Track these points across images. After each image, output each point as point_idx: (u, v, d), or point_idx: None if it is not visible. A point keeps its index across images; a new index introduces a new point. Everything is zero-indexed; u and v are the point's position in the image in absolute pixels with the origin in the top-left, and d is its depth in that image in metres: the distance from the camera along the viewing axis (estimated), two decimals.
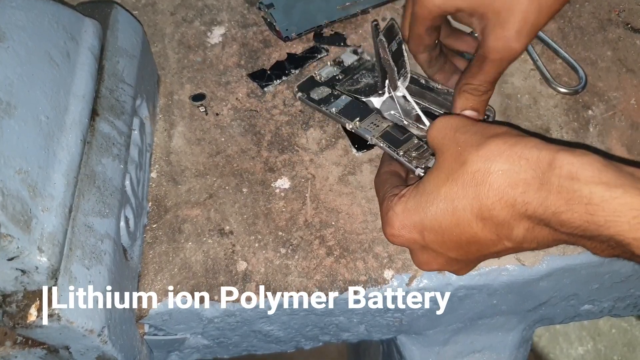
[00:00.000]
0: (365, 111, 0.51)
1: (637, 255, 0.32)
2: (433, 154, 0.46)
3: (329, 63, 0.57)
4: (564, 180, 0.33)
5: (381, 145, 0.48)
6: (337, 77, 0.56)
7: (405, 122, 0.49)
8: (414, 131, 0.49)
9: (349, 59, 0.57)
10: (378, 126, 0.50)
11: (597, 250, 0.34)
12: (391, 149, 0.48)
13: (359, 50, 0.58)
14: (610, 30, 0.60)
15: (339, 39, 0.60)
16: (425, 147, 0.47)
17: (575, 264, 0.48)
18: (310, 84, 0.55)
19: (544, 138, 0.38)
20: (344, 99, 0.53)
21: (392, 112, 0.50)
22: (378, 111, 0.51)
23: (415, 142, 0.48)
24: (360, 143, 0.53)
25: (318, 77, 0.56)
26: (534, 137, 0.36)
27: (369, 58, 0.57)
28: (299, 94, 0.54)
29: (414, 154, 0.47)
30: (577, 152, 0.34)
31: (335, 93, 0.54)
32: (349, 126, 0.51)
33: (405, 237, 0.40)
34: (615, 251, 0.33)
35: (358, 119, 0.50)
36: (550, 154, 0.34)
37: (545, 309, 0.56)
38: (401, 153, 0.47)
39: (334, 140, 0.54)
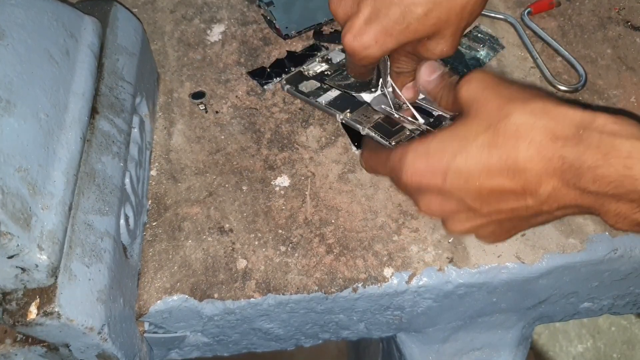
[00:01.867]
0: (356, 104, 0.52)
1: None
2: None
3: (317, 60, 0.57)
4: (605, 136, 0.34)
5: (373, 135, 0.49)
6: (326, 73, 0.56)
7: (396, 116, 0.50)
8: (407, 125, 0.49)
9: (337, 56, 0.57)
10: (369, 118, 0.50)
11: (619, 218, 0.35)
12: (384, 139, 0.48)
13: None
14: (610, 28, 0.60)
15: (338, 37, 0.60)
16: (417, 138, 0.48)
17: (575, 262, 0.48)
18: (299, 78, 0.55)
19: None
20: (334, 92, 0.53)
21: (383, 106, 0.51)
22: (368, 104, 0.52)
23: (407, 133, 0.49)
24: (359, 140, 0.53)
25: (307, 71, 0.56)
26: None
27: None
28: (287, 86, 0.54)
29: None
30: (618, 115, 0.35)
31: (325, 87, 0.54)
32: (339, 117, 0.51)
33: (424, 179, 0.40)
34: (637, 215, 0.34)
35: (348, 110, 0.51)
36: (592, 115, 0.35)
37: (545, 306, 0.56)
38: (393, 143, 0.47)
39: (333, 138, 0.54)
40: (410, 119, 0.49)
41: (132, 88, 0.47)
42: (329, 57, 0.57)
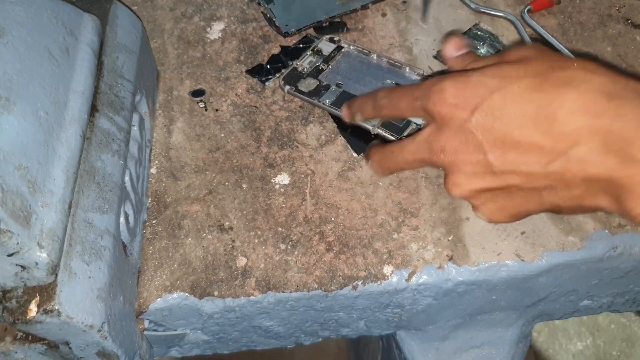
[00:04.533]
0: None
1: None
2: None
3: (308, 53, 0.56)
4: None
5: (384, 134, 0.48)
6: (319, 67, 0.55)
7: None
8: (414, 119, 0.49)
9: (327, 47, 0.57)
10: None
11: None
12: (395, 137, 0.48)
13: (336, 39, 0.58)
14: (611, 26, 0.60)
15: (339, 26, 0.60)
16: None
17: (575, 260, 0.48)
18: (295, 75, 0.55)
19: None
20: (334, 90, 0.53)
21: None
22: None
23: (414, 127, 0.49)
24: (358, 145, 0.53)
25: (301, 67, 0.55)
26: None
27: (345, 45, 0.57)
28: (287, 87, 0.54)
29: None
30: None
31: (324, 84, 0.54)
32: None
33: (454, 111, 0.36)
34: None
35: None
36: None
37: (545, 304, 0.56)
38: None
39: (333, 136, 0.54)
40: None
41: (132, 86, 0.47)
42: (319, 49, 0.56)
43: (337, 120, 0.54)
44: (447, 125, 0.37)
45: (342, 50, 0.57)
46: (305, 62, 0.55)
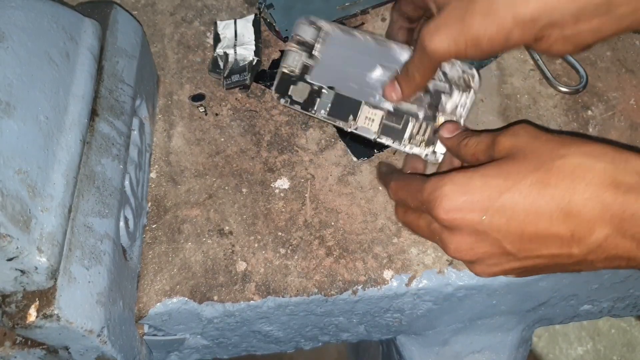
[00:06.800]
0: (353, 103, 0.49)
1: None
2: (436, 131, 0.46)
3: (292, 48, 0.52)
4: None
5: (385, 142, 0.47)
6: (306, 65, 0.51)
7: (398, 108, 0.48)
8: (412, 111, 0.47)
9: (307, 33, 0.52)
10: (373, 120, 0.48)
11: None
12: (397, 144, 0.47)
13: (312, 19, 0.52)
14: None
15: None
16: (426, 126, 0.47)
17: None
18: (286, 82, 0.51)
19: None
20: (327, 94, 0.50)
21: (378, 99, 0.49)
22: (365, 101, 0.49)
23: (411, 124, 0.47)
24: (358, 150, 0.52)
25: (289, 70, 0.51)
26: None
27: (324, 24, 0.52)
28: (282, 100, 0.50)
29: (419, 139, 0.47)
30: None
31: (316, 87, 0.50)
32: (347, 128, 0.49)
33: (460, 214, 0.36)
34: None
35: (351, 116, 0.49)
36: None
37: (545, 309, 0.56)
38: (407, 145, 0.47)
39: (333, 140, 0.54)
40: (410, 105, 0.47)
41: (132, 90, 0.47)
42: (302, 39, 0.51)
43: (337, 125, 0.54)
44: (458, 229, 0.37)
45: (322, 31, 0.52)
46: (292, 63, 0.51)
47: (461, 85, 0.47)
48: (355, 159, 0.52)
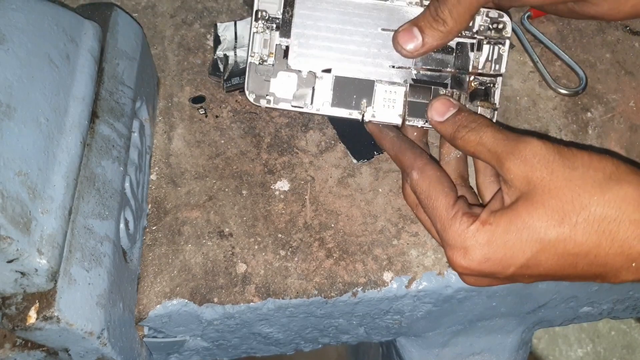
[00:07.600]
0: (362, 85, 0.39)
1: None
2: (484, 92, 0.39)
3: (256, 28, 0.39)
4: None
5: (420, 125, 0.39)
6: (283, 48, 0.40)
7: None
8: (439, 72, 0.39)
9: (272, 2, 0.41)
10: (395, 100, 0.39)
11: None
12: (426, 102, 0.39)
13: None
14: (609, 33, 0.60)
15: None
16: (459, 94, 0.40)
17: None
18: (260, 76, 0.41)
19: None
20: (323, 80, 0.39)
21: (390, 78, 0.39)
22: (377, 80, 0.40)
23: (442, 92, 0.39)
24: (358, 152, 0.52)
25: (259, 59, 0.40)
26: None
27: None
28: (262, 101, 0.41)
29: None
30: None
31: (305, 75, 0.40)
32: (363, 117, 0.39)
33: (485, 271, 0.36)
34: None
35: (364, 101, 0.39)
36: None
37: (545, 311, 0.56)
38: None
39: (333, 142, 0.54)
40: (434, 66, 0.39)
41: (132, 92, 0.47)
42: (263, 11, 0.41)
43: (337, 126, 0.54)
44: (485, 276, 0.38)
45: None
46: (258, 47, 0.39)
47: (492, 37, 0.40)
48: (355, 160, 0.52)
